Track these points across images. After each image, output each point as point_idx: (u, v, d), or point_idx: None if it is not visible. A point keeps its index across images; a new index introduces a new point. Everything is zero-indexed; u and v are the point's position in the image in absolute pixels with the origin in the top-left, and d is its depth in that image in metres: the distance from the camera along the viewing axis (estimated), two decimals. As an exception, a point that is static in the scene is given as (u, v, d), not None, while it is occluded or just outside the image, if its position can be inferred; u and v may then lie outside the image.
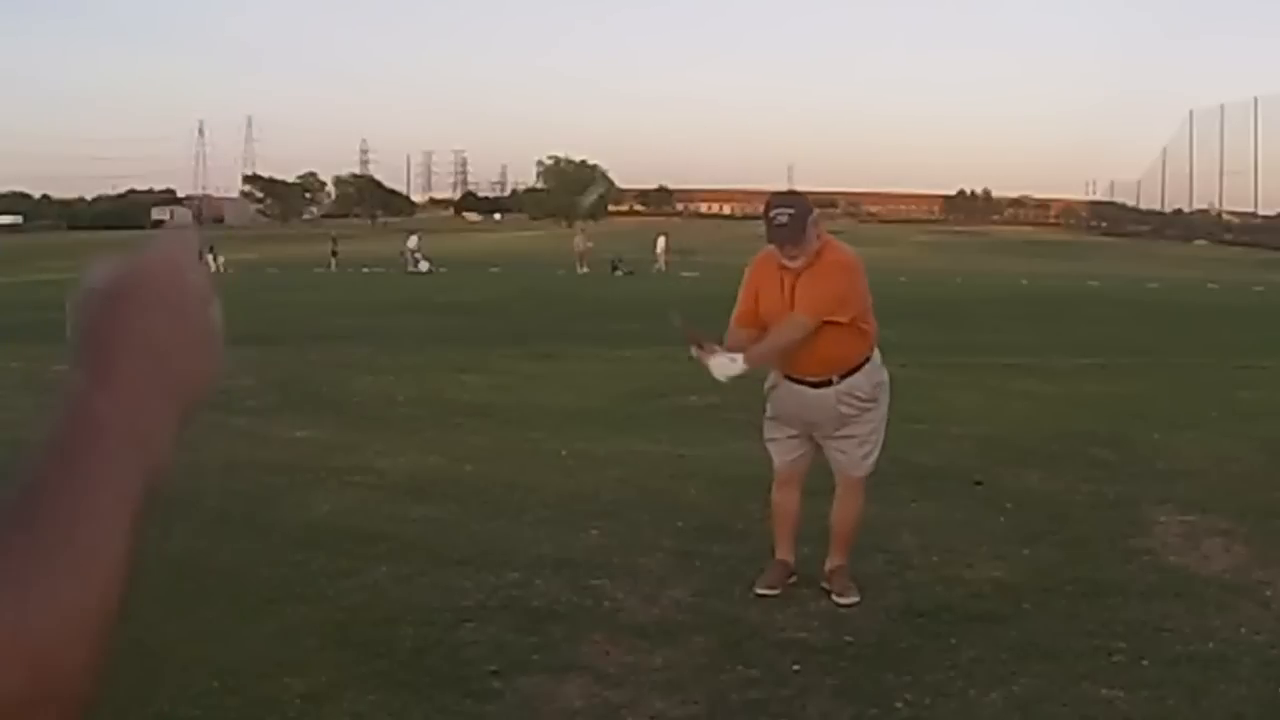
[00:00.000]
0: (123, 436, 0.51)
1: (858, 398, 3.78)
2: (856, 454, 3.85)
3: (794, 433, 3.91)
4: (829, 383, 3.74)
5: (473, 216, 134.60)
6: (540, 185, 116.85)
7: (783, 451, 3.96)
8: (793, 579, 3.94)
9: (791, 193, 3.95)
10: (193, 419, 0.56)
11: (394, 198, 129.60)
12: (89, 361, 0.53)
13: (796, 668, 3.28)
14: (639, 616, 3.69)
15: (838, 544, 3.93)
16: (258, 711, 2.97)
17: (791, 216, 3.63)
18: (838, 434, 3.83)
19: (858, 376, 3.77)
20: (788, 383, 3.78)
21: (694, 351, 3.69)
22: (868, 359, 3.81)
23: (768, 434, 4.01)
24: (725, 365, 3.62)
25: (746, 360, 3.62)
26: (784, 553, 3.98)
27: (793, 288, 3.70)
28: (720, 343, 3.72)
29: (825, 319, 3.64)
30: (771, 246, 3.74)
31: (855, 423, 3.81)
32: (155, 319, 0.55)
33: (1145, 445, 6.40)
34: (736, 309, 3.88)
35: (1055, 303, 22.01)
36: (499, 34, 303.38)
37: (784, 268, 3.71)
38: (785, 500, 3.98)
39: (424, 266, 36.95)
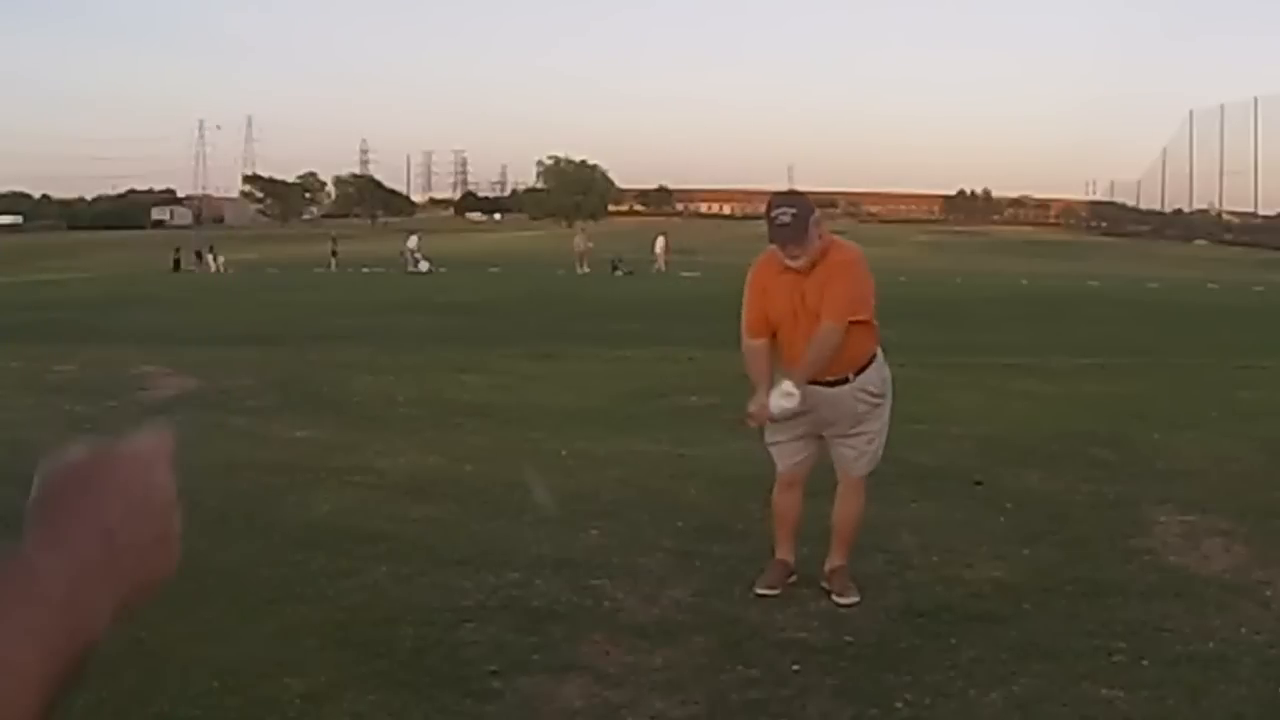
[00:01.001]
0: (55, 598, 0.53)
1: (870, 393, 3.81)
2: (868, 450, 3.87)
3: (801, 434, 3.88)
4: (845, 380, 3.75)
5: (477, 216, 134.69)
6: (540, 185, 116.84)
7: (788, 454, 3.93)
8: (792, 578, 3.94)
9: (793, 192, 3.94)
10: (132, 611, 0.58)
11: (394, 198, 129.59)
12: (41, 525, 0.56)
13: (796, 668, 3.27)
14: (639, 616, 3.69)
15: (839, 544, 3.92)
16: (258, 711, 2.97)
17: (794, 216, 3.62)
18: (851, 432, 3.83)
19: (869, 372, 3.80)
20: (806, 386, 3.73)
21: (752, 424, 3.78)
22: (875, 354, 3.83)
23: (772, 437, 3.96)
24: (782, 400, 3.64)
25: (797, 385, 3.64)
26: (784, 553, 3.98)
27: (802, 290, 3.68)
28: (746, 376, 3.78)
29: (851, 319, 3.66)
30: (772, 248, 3.73)
31: (868, 419, 3.83)
32: (114, 507, 0.57)
33: (1145, 445, 6.40)
34: (746, 317, 3.83)
35: (1055, 303, 22.02)
36: (499, 34, 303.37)
37: (788, 269, 3.70)
38: (787, 502, 3.97)
39: (424, 266, 36.97)
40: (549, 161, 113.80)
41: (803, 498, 3.98)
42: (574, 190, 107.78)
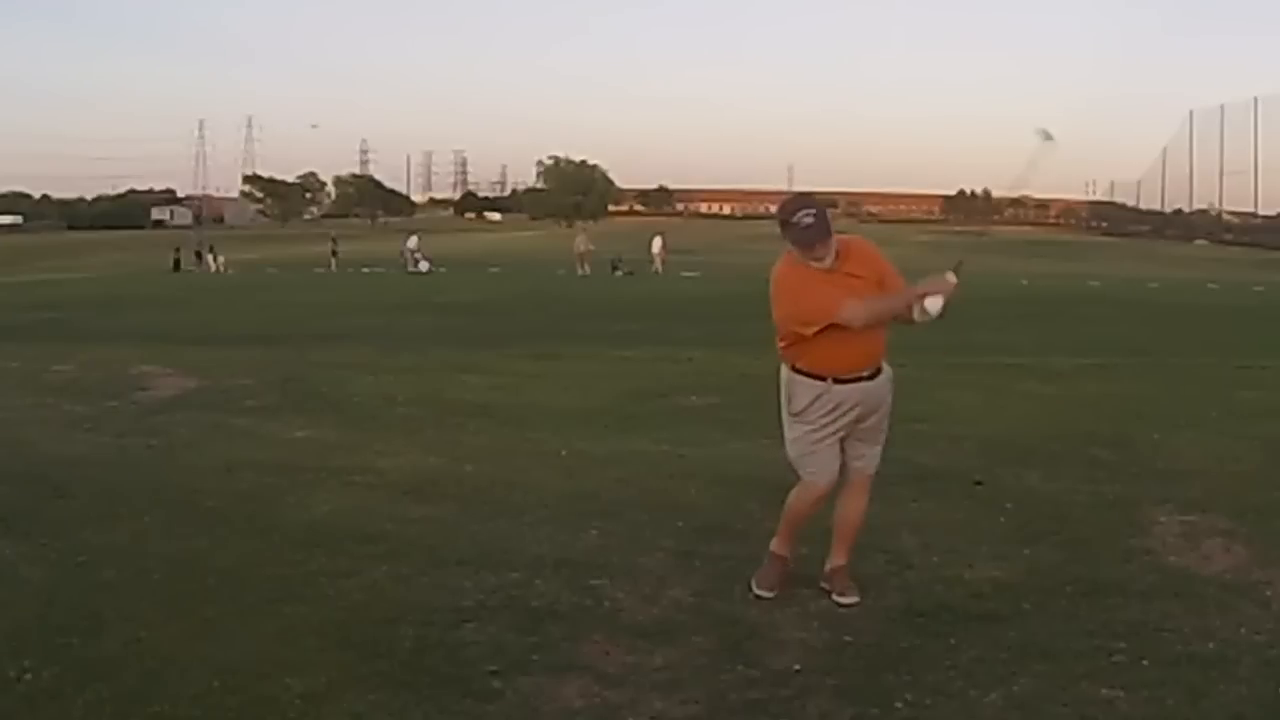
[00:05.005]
0: None
1: (892, 383, 3.83)
2: (883, 447, 3.88)
3: (839, 434, 3.78)
4: (879, 371, 3.77)
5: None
6: (540, 185, 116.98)
7: (827, 463, 3.79)
8: (788, 567, 3.93)
9: (804, 194, 3.91)
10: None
11: (394, 198, 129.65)
12: None
13: (797, 668, 3.28)
14: (639, 616, 3.69)
15: (842, 544, 3.92)
16: (258, 711, 2.97)
17: (816, 216, 3.62)
18: (879, 426, 3.83)
19: (885, 362, 3.83)
20: (844, 385, 3.68)
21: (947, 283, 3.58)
22: None
23: (805, 449, 3.79)
24: (930, 308, 3.55)
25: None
26: (785, 549, 3.95)
27: (837, 288, 3.62)
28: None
29: None
30: (789, 253, 3.69)
31: (888, 414, 3.85)
32: None
33: (1145, 445, 6.39)
34: (818, 305, 3.58)
35: (1055, 303, 22.00)
36: (499, 34, 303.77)
37: (811, 269, 3.67)
38: (812, 512, 3.89)
39: (424, 266, 37.04)
40: (549, 161, 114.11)
41: None
42: (574, 190, 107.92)
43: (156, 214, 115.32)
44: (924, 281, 3.59)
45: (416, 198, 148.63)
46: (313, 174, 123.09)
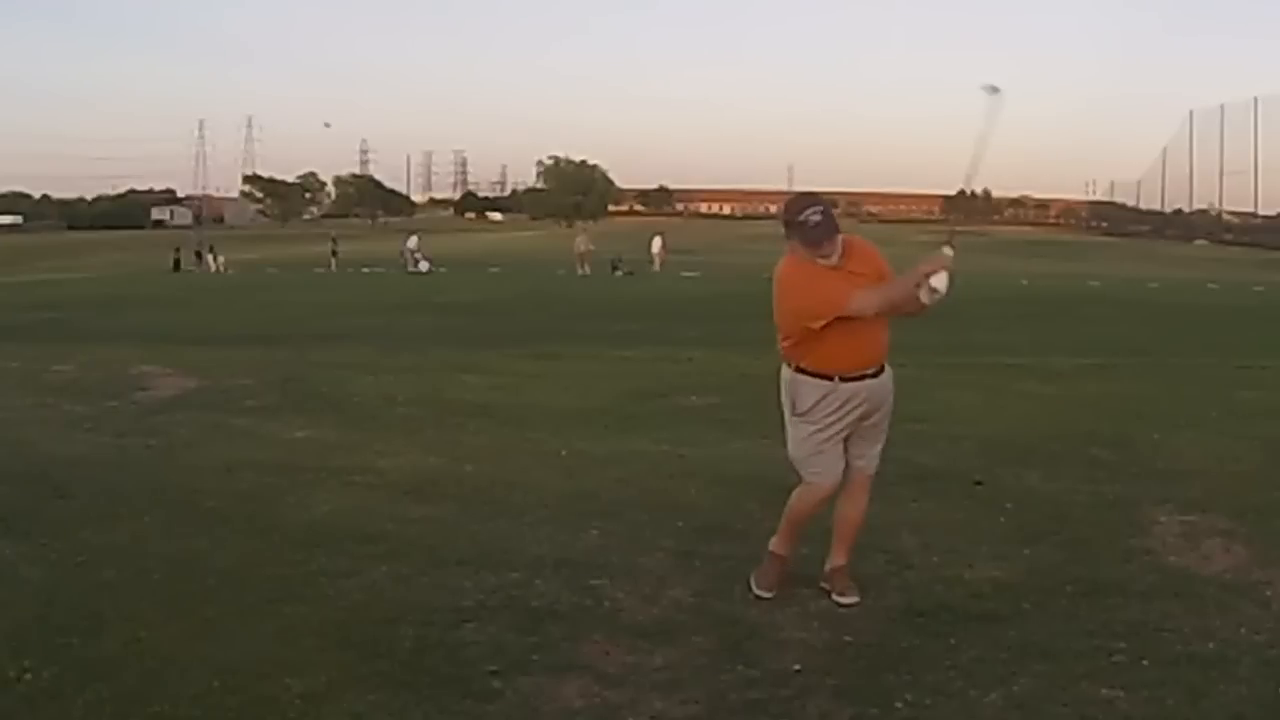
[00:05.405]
0: None
1: (893, 381, 3.83)
2: (883, 444, 3.88)
3: (844, 432, 3.77)
4: (883, 369, 3.77)
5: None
6: (540, 185, 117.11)
7: (832, 464, 3.78)
8: (787, 566, 3.93)
9: (810, 193, 3.90)
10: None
11: (394, 198, 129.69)
12: None
13: (797, 668, 3.28)
14: (639, 616, 3.69)
15: (842, 544, 3.91)
16: (258, 711, 2.97)
17: (823, 214, 3.64)
18: (883, 425, 3.83)
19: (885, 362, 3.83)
20: (850, 383, 3.68)
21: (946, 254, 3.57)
22: None
23: (811, 450, 3.77)
24: (939, 285, 3.55)
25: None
26: (785, 549, 3.94)
27: (846, 282, 3.62)
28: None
29: None
30: (794, 252, 3.68)
31: (890, 410, 3.85)
32: None
33: (1145, 445, 6.39)
34: (828, 298, 3.57)
35: (1055, 303, 22.01)
36: (499, 34, 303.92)
37: (820, 266, 3.67)
38: (817, 513, 3.88)
39: (424, 266, 37.07)
40: (549, 161, 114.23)
41: None
42: (574, 190, 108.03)
43: (156, 214, 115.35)
44: (922, 260, 3.58)
45: (416, 198, 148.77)
46: (313, 174, 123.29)
